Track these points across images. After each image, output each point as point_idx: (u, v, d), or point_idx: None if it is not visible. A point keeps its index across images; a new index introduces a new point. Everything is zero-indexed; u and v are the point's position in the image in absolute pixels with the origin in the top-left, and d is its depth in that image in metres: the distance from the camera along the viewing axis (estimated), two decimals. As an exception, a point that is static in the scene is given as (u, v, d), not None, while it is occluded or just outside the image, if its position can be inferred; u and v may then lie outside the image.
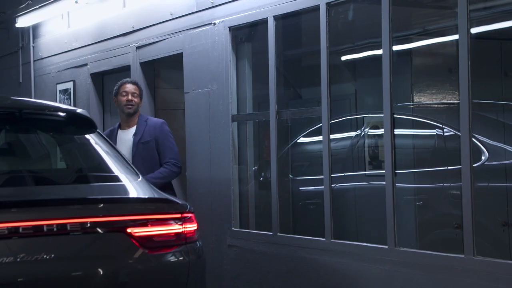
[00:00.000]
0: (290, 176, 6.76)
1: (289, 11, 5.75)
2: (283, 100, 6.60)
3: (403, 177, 6.64)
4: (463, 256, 4.43)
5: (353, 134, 6.89)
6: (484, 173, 6.29)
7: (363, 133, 6.74)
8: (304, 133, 7.06)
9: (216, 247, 6.47)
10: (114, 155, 4.75)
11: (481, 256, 4.37)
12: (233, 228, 6.32)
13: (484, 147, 6.32)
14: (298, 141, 7.07)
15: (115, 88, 6.64)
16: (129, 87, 6.58)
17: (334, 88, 6.61)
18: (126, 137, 6.53)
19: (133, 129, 6.53)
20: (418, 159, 6.79)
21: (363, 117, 6.83)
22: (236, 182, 6.38)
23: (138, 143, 6.45)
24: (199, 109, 6.73)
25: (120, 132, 6.59)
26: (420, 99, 6.83)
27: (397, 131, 6.90)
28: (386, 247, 4.92)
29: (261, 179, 6.70)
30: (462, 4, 4.47)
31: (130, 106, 6.52)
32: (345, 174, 6.81)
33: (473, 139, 6.26)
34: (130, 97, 6.52)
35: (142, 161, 6.37)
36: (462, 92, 4.49)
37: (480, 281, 4.33)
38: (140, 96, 6.64)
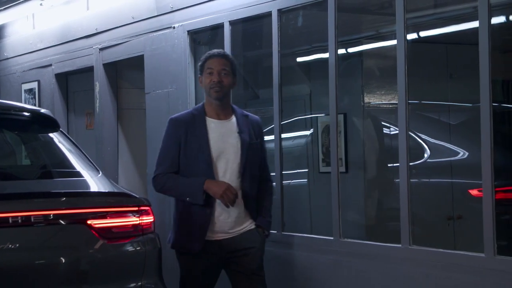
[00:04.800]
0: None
1: (243, 16, 6.05)
2: (241, 100, 6.89)
3: (355, 174, 6.98)
4: (400, 245, 4.78)
5: (307, 133, 7.20)
6: (426, 169, 6.65)
7: (317, 132, 7.04)
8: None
9: (175, 241, 6.72)
10: (76, 153, 5.03)
11: (416, 246, 4.72)
12: (191, 222, 6.59)
13: (427, 145, 6.68)
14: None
15: (199, 63, 4.97)
16: (216, 62, 4.83)
17: (290, 89, 6.92)
18: (228, 131, 4.86)
19: (232, 123, 4.88)
20: (368, 156, 7.13)
21: (317, 116, 7.14)
22: (194, 178, 6.63)
23: (249, 146, 4.85)
24: (159, 109, 6.97)
25: (211, 120, 4.84)
26: (370, 99, 7.16)
27: (347, 130, 7.24)
28: (332, 238, 5.24)
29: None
30: (399, 12, 4.79)
31: (217, 89, 4.78)
32: (299, 171, 7.13)
33: (417, 137, 6.65)
34: (216, 76, 4.79)
35: (250, 169, 4.85)
36: (400, 93, 4.81)
37: (416, 268, 4.68)
38: (234, 72, 4.90)
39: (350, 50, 7.01)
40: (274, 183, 5.39)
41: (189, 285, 4.93)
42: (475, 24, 4.41)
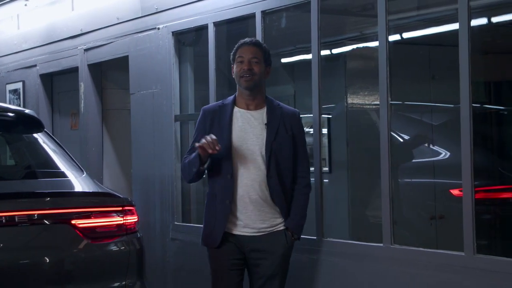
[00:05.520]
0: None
1: (227, 18, 6.10)
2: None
3: (338, 174, 7.04)
4: (381, 244, 4.83)
5: (291, 133, 7.23)
6: (409, 170, 6.71)
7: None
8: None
9: (160, 240, 6.78)
10: (60, 153, 5.06)
11: (397, 245, 4.78)
12: (175, 222, 6.61)
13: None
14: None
15: (232, 52, 4.77)
16: (247, 50, 4.65)
17: (274, 89, 6.96)
18: (254, 122, 4.65)
19: (261, 114, 4.66)
20: (352, 157, 7.18)
21: (301, 117, 7.19)
22: (179, 178, 6.63)
23: (276, 138, 4.59)
24: (144, 110, 7.01)
25: (238, 110, 4.66)
26: (354, 100, 7.22)
27: (331, 131, 7.30)
28: (315, 238, 5.29)
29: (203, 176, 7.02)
30: (381, 13, 4.84)
31: (247, 77, 4.59)
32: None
33: (399, 138, 6.71)
34: (247, 64, 4.60)
35: (278, 163, 4.59)
36: (381, 94, 4.86)
37: (398, 267, 4.73)
38: (266, 61, 4.70)
39: (334, 51, 7.07)
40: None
41: (218, 281, 4.71)
42: (456, 26, 4.46)
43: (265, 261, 4.61)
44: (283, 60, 7.45)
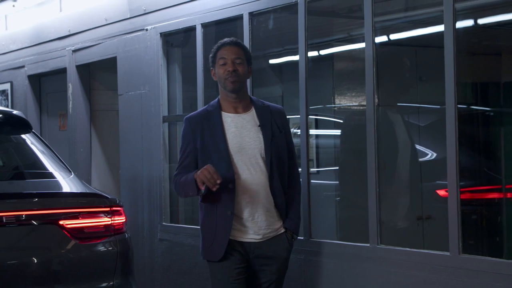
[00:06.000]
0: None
1: (215, 19, 6.12)
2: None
3: (325, 175, 7.08)
4: (368, 245, 4.87)
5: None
6: (396, 170, 6.74)
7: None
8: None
9: (148, 241, 6.79)
10: (48, 154, 5.07)
11: (383, 245, 4.81)
12: (163, 223, 6.64)
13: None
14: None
15: (210, 55, 4.54)
16: (229, 51, 4.44)
17: (262, 90, 7.00)
18: (247, 125, 4.45)
19: (251, 116, 4.47)
20: (338, 157, 7.22)
21: (289, 117, 7.22)
22: (167, 179, 6.67)
23: (273, 139, 4.45)
24: (132, 111, 7.02)
25: (227, 115, 4.45)
26: (341, 101, 7.26)
27: (319, 131, 7.35)
28: (302, 238, 5.32)
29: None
30: (367, 15, 4.87)
31: (233, 78, 4.38)
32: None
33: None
34: (231, 65, 4.39)
35: (278, 165, 4.45)
36: (368, 95, 4.89)
37: (384, 267, 4.76)
38: (248, 60, 4.52)
39: (321, 52, 7.10)
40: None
41: None
42: (443, 27, 4.49)
43: (270, 267, 4.44)
44: (271, 61, 7.48)
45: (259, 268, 4.45)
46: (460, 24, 4.77)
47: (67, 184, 4.79)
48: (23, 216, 4.31)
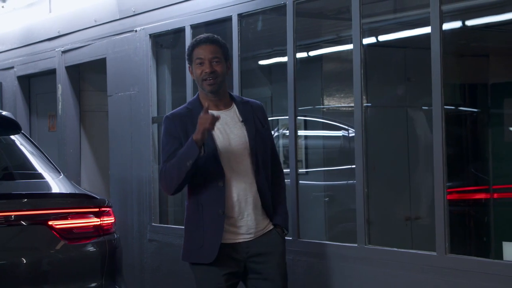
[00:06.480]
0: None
1: (204, 20, 6.14)
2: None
3: (314, 175, 7.11)
4: (356, 245, 4.90)
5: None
6: (385, 170, 6.78)
7: (278, 134, 7.16)
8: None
9: (137, 242, 6.81)
10: (37, 155, 5.09)
11: (371, 245, 4.85)
12: (153, 224, 6.66)
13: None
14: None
15: (187, 52, 4.40)
16: (206, 49, 4.28)
17: (252, 91, 7.02)
18: (231, 121, 4.34)
19: (233, 112, 4.36)
20: (327, 158, 7.26)
21: (278, 119, 7.26)
22: (156, 180, 6.65)
23: (257, 135, 4.34)
24: (121, 111, 7.03)
25: (210, 112, 4.20)
26: (330, 102, 7.30)
27: (308, 132, 7.38)
28: (290, 238, 5.34)
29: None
30: (355, 17, 4.91)
31: (211, 81, 4.25)
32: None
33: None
34: (208, 66, 4.25)
35: (263, 161, 4.36)
36: (356, 96, 4.92)
37: (372, 267, 4.80)
38: (226, 57, 4.34)
39: (310, 53, 7.14)
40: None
41: None
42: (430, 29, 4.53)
43: (269, 264, 4.29)
44: (260, 62, 7.51)
45: (256, 267, 4.28)
46: (448, 26, 4.81)
47: (56, 184, 4.80)
48: (12, 216, 4.33)
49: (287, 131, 5.71)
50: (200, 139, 4.09)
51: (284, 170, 4.67)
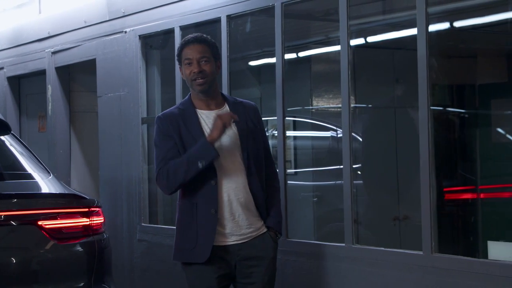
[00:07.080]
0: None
1: (193, 22, 6.17)
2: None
3: (302, 175, 7.15)
4: (344, 244, 4.94)
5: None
6: (373, 170, 6.82)
7: (267, 135, 7.19)
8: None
9: (127, 242, 6.83)
10: (27, 155, 5.11)
11: (359, 245, 4.89)
12: (142, 224, 6.68)
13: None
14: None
15: (176, 53, 4.42)
16: (194, 49, 4.28)
17: (241, 92, 7.04)
18: None
19: (225, 112, 4.33)
20: (315, 158, 7.30)
21: (267, 119, 7.29)
22: (146, 180, 6.71)
23: (249, 135, 4.33)
24: (111, 112, 7.05)
25: (201, 112, 4.33)
26: (319, 103, 7.34)
27: (297, 133, 7.42)
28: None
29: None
30: (343, 18, 4.94)
31: (200, 81, 4.27)
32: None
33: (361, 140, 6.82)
34: (196, 66, 4.26)
35: (255, 162, 4.34)
36: (343, 96, 4.96)
37: (359, 266, 4.84)
38: (215, 56, 4.34)
39: (299, 54, 7.17)
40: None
41: None
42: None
43: (259, 268, 4.29)
44: (250, 63, 7.54)
45: (247, 271, 4.29)
46: (435, 27, 4.84)
47: (46, 185, 4.83)
48: (2, 216, 4.35)
49: (276, 132, 5.75)
50: (216, 138, 4.16)
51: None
